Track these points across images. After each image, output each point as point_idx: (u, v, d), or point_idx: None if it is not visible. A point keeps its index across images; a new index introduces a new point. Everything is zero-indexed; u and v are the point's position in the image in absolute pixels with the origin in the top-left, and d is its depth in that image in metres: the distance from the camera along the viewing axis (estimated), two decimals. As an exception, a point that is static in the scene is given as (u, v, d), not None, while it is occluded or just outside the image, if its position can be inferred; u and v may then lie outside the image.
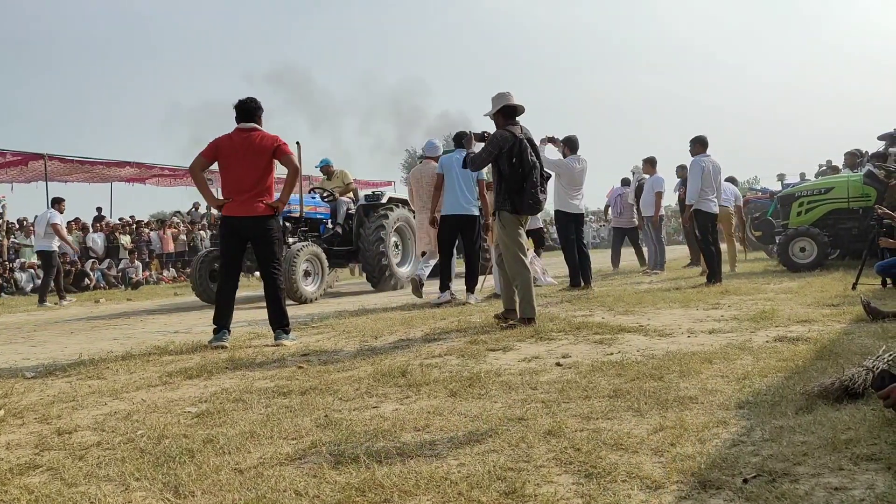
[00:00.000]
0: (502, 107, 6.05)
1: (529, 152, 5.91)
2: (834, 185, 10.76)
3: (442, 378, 3.95)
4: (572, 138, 9.57)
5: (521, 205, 5.91)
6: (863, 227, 9.96)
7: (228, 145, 5.81)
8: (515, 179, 5.90)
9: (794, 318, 5.51)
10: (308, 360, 4.91)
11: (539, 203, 5.97)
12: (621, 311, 6.65)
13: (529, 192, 5.88)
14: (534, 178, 5.91)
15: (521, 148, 5.88)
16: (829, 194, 10.62)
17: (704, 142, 9.41)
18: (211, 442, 2.90)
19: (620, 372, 3.83)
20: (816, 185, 11.31)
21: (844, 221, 10.52)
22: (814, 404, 2.91)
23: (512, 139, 5.89)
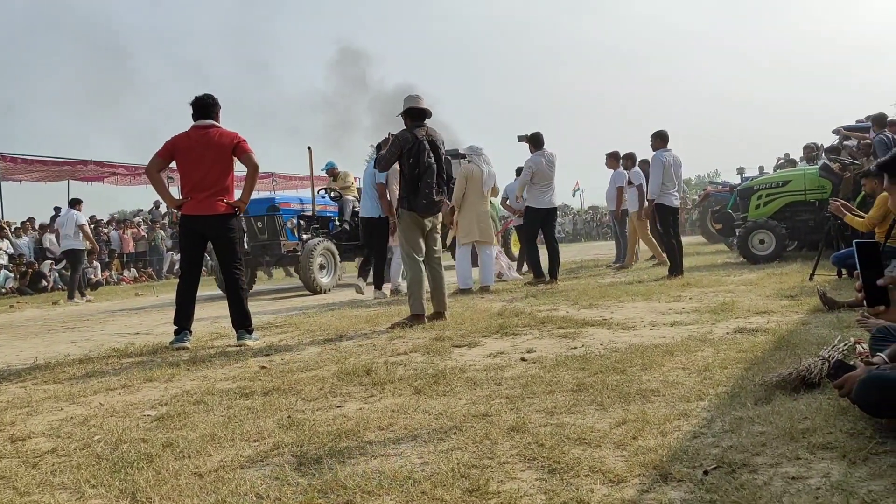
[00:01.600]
0: (409, 108, 6.24)
1: (427, 154, 6.10)
2: (791, 178, 10.95)
3: (407, 376, 3.94)
4: (536, 135, 9.65)
5: (416, 204, 6.10)
6: (819, 219, 10.16)
7: (185, 144, 5.70)
8: (411, 179, 6.11)
9: (753, 310, 5.60)
10: (271, 360, 4.86)
11: (434, 204, 6.13)
12: (585, 305, 6.70)
13: (424, 192, 6.07)
14: (428, 179, 6.08)
15: (418, 149, 6.07)
16: (787, 187, 10.81)
17: (665, 136, 9.57)
18: (170, 446, 2.85)
19: (584, 366, 3.86)
20: (774, 178, 11.50)
21: (801, 214, 10.72)
22: (772, 395, 2.96)
23: (412, 140, 6.09)
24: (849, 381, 2.54)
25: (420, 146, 6.08)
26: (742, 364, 3.63)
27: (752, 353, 3.85)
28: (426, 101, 6.34)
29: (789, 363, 3.31)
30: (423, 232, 6.27)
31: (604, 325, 5.40)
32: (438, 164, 6.19)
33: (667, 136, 9.54)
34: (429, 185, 6.07)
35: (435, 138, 6.23)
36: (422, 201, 6.08)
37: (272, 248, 11.35)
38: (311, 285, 10.74)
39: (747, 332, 4.59)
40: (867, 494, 1.91)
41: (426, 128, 6.24)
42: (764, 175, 14.83)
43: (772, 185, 11.02)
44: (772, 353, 3.81)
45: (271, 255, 11.52)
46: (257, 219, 11.59)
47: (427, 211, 6.15)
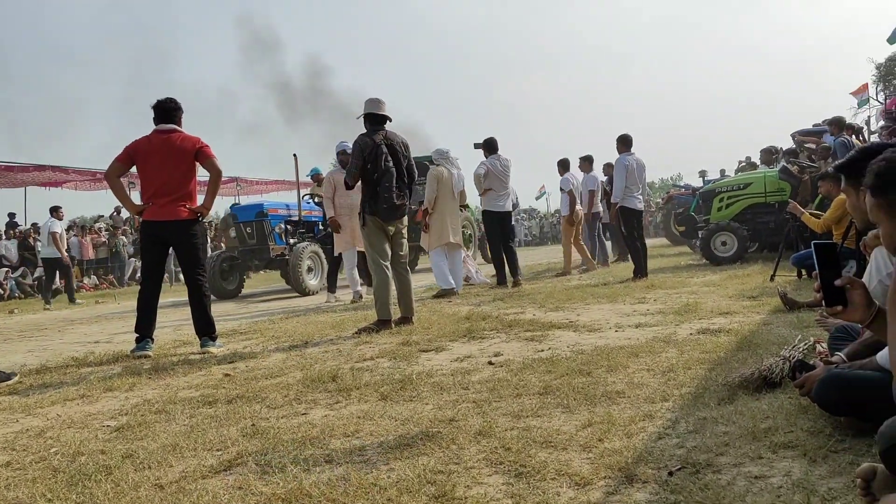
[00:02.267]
0: (368, 113, 6.19)
1: (385, 157, 6.04)
2: (752, 181, 11.15)
3: (373, 381, 3.91)
4: (489, 141, 9.88)
5: (377, 208, 6.04)
6: (779, 220, 10.34)
7: (146, 148, 5.61)
8: (371, 184, 6.05)
9: (716, 311, 5.67)
10: (235, 367, 4.79)
11: (395, 208, 6.07)
12: (552, 308, 6.73)
13: (383, 196, 6.01)
14: (387, 183, 6.02)
15: (376, 153, 6.01)
16: (748, 190, 11.00)
17: (628, 140, 9.76)
18: (130, 457, 2.79)
19: (550, 369, 3.87)
20: (735, 181, 11.71)
21: (762, 216, 10.91)
22: (735, 395, 3.00)
23: (370, 144, 6.03)
24: (809, 380, 2.58)
25: (378, 150, 6.02)
26: (705, 365, 3.67)
27: (716, 354, 3.90)
28: (387, 106, 6.27)
29: (751, 363, 3.36)
30: (388, 236, 6.23)
31: (570, 327, 5.43)
32: (398, 167, 6.12)
33: (630, 140, 9.73)
34: (388, 188, 6.01)
35: (394, 141, 6.17)
36: (382, 206, 6.02)
37: (261, 252, 11.84)
38: (300, 287, 11.16)
39: (710, 332, 4.65)
40: (827, 492, 1.94)
41: (385, 131, 6.19)
42: (725, 178, 15.06)
43: (733, 187, 11.20)
44: (734, 354, 3.87)
45: (260, 259, 11.98)
46: (246, 224, 11.98)
47: (389, 215, 6.08)
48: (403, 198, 6.17)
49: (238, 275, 12.40)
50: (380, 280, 6.10)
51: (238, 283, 12.44)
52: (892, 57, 34.16)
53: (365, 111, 6.21)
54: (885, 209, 1.82)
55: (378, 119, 6.20)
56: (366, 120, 6.21)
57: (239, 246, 12.05)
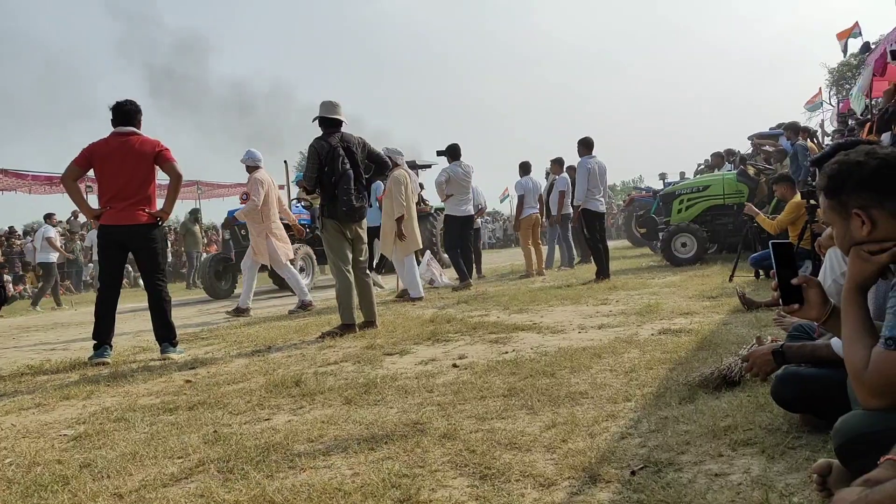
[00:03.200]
0: (321, 116, 6.14)
1: (342, 160, 6.00)
2: (710, 184, 11.34)
3: (337, 386, 3.89)
4: (452, 147, 10.05)
5: (335, 212, 6.00)
6: (737, 222, 10.53)
7: (104, 151, 5.50)
8: (328, 187, 6.00)
9: (677, 311, 5.75)
10: (196, 373, 4.72)
11: (354, 210, 6.02)
12: (516, 310, 6.76)
13: (342, 199, 5.96)
14: (345, 186, 5.97)
15: (332, 155, 5.97)
16: (707, 192, 11.19)
17: (589, 143, 9.89)
18: (88, 466, 2.73)
19: (515, 370, 3.89)
20: (695, 183, 11.89)
21: (721, 217, 11.10)
22: (695, 394, 3.04)
23: (326, 147, 5.99)
24: (753, 356, 2.65)
25: (334, 153, 5.98)
26: (667, 364, 3.72)
27: (677, 354, 3.96)
28: (342, 109, 6.23)
29: (711, 363, 3.41)
30: (348, 240, 6.17)
31: (534, 329, 5.46)
32: (355, 169, 6.07)
33: (591, 144, 9.87)
34: (346, 191, 5.96)
35: (350, 143, 6.11)
36: (342, 209, 5.98)
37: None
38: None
39: (671, 333, 4.71)
40: (785, 488, 1.98)
41: (341, 133, 6.14)
42: (685, 180, 15.28)
43: (692, 190, 11.38)
44: (695, 354, 3.93)
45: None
46: (241, 227, 12.13)
47: (348, 218, 6.04)
48: (362, 200, 6.12)
49: (232, 275, 12.76)
50: (342, 285, 6.07)
51: (231, 283, 12.84)
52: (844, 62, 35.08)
53: (319, 115, 6.17)
54: (838, 210, 1.86)
55: (332, 122, 6.15)
56: (320, 123, 6.16)
57: (234, 248, 12.53)
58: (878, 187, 1.78)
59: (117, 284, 5.72)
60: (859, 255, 1.82)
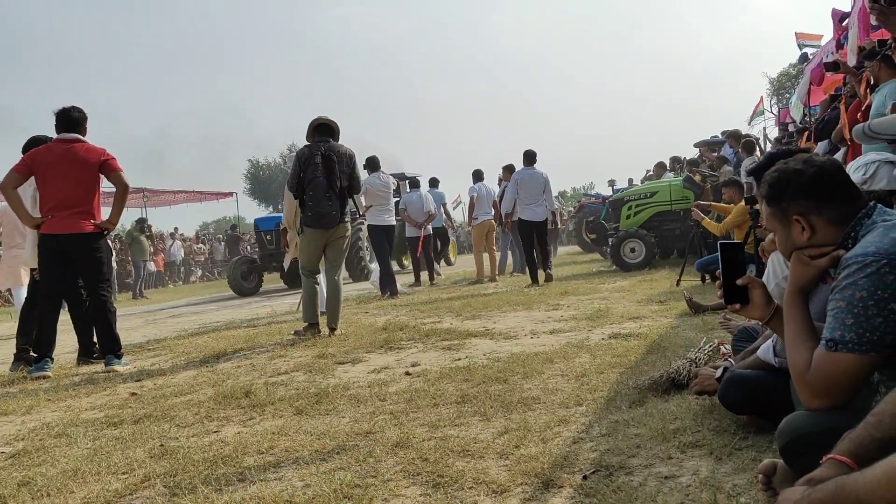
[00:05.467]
0: (312, 126, 6.34)
1: (317, 167, 6.08)
2: (658, 190, 11.56)
3: (288, 396, 3.83)
4: (370, 159, 10.46)
5: (305, 217, 6.15)
6: (684, 227, 10.75)
7: (47, 158, 5.33)
8: (302, 192, 6.16)
9: (626, 315, 5.83)
10: (142, 385, 4.60)
11: (322, 217, 6.09)
12: (469, 317, 6.77)
13: (308, 204, 6.10)
14: (312, 192, 6.07)
15: (309, 162, 6.11)
16: (654, 198, 11.40)
17: (528, 155, 10.26)
18: (27, 485, 2.63)
19: (468, 377, 3.88)
20: (642, 189, 12.11)
21: (668, 223, 11.32)
22: (645, 397, 3.08)
23: (306, 154, 6.15)
24: (701, 376, 2.73)
25: (312, 160, 6.09)
26: (617, 369, 3.76)
27: (627, 358, 4.01)
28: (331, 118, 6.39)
29: (660, 366, 3.46)
30: (320, 246, 6.21)
31: (486, 335, 5.47)
32: (329, 177, 6.09)
33: (531, 155, 10.26)
34: (314, 198, 6.05)
35: (334, 152, 6.16)
36: (308, 214, 6.09)
37: (278, 256, 13.39)
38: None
39: (621, 337, 4.77)
40: (732, 489, 2.01)
41: (328, 143, 6.22)
42: (633, 187, 15.52)
43: (641, 196, 11.58)
44: (644, 357, 3.98)
45: (277, 261, 13.57)
46: (266, 233, 14.20)
47: (314, 223, 6.10)
48: (331, 207, 6.11)
49: (257, 276, 14.48)
50: (305, 286, 6.26)
51: (257, 282, 14.50)
52: (783, 73, 36.19)
53: (311, 124, 6.35)
54: (780, 217, 1.91)
55: (322, 131, 6.30)
56: (311, 132, 6.32)
57: (259, 251, 14.61)
58: (816, 194, 1.83)
59: (59, 295, 5.55)
60: (800, 260, 1.87)
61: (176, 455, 2.86)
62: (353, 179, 6.32)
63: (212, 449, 2.91)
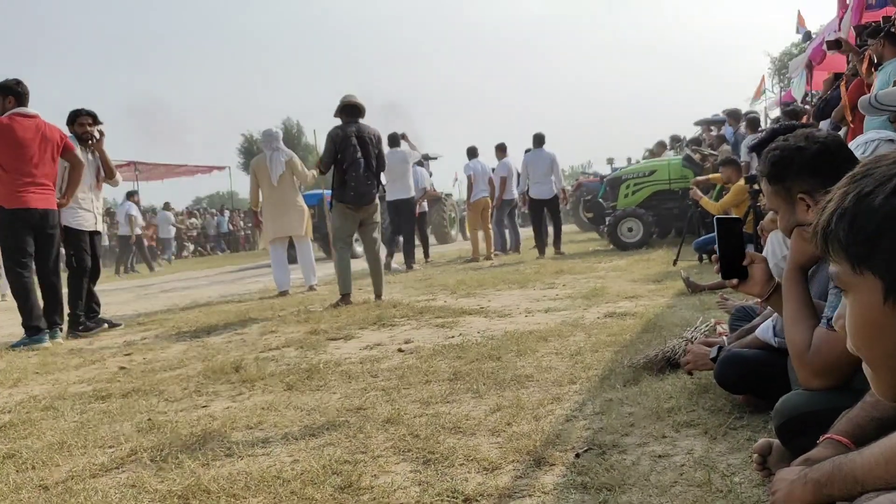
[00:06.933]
0: (342, 106, 6.67)
1: (354, 149, 6.53)
2: (656, 168, 11.49)
3: (279, 372, 3.82)
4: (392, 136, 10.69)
5: (345, 196, 6.50)
6: (682, 206, 10.69)
7: (19, 132, 5.41)
8: (340, 172, 6.54)
9: (622, 295, 5.82)
10: (131, 359, 4.59)
11: (362, 195, 6.54)
12: (463, 294, 6.76)
13: (350, 184, 6.50)
14: (354, 172, 6.49)
15: (345, 144, 6.51)
16: (653, 177, 11.33)
17: (538, 138, 11.00)
18: (12, 457, 2.61)
19: (460, 354, 3.87)
20: (641, 168, 12.03)
21: (666, 202, 11.25)
22: (640, 376, 3.07)
23: (340, 135, 6.52)
24: (693, 352, 2.71)
25: (347, 141, 6.49)
26: (612, 347, 3.75)
27: (622, 337, 4.00)
28: (358, 98, 6.75)
29: (655, 345, 3.45)
30: (356, 222, 6.62)
31: (481, 313, 5.46)
32: (366, 158, 6.56)
33: (537, 138, 11.07)
34: (355, 178, 6.47)
35: (364, 133, 6.59)
36: (349, 193, 6.47)
37: (321, 227, 13.56)
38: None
39: (617, 316, 4.76)
40: (726, 468, 2.00)
41: (358, 124, 6.62)
42: (632, 165, 15.45)
43: (639, 174, 11.51)
44: (639, 336, 3.97)
45: (320, 233, 13.84)
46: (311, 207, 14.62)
47: (355, 201, 6.50)
48: (370, 186, 6.60)
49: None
50: (340, 260, 6.59)
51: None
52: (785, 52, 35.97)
53: (339, 104, 6.65)
54: (783, 196, 1.88)
55: (351, 111, 6.63)
56: (340, 112, 6.64)
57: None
58: (819, 171, 1.80)
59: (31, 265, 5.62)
60: (801, 236, 1.84)
61: (163, 429, 2.84)
62: (381, 159, 6.80)
63: (200, 423, 2.90)
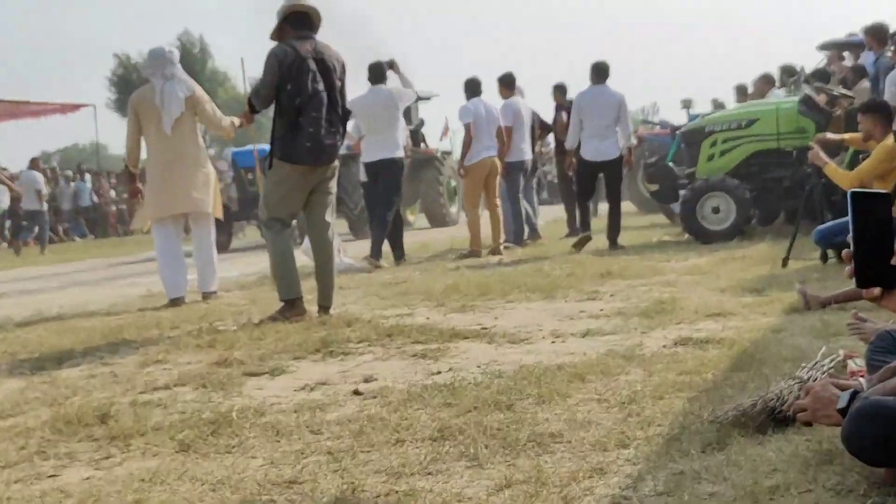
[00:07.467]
0: (287, 14, 6.54)
1: (314, 75, 6.36)
2: (759, 117, 11.33)
3: (168, 423, 3.83)
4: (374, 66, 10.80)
5: (295, 149, 6.33)
6: (798, 176, 10.61)
7: None
8: (290, 112, 6.42)
9: (702, 311, 5.83)
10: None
11: (324, 149, 6.50)
12: (456, 307, 6.78)
13: (307, 131, 6.37)
14: (314, 113, 6.43)
15: (300, 68, 6.38)
16: (753, 129, 11.18)
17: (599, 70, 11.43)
18: None
19: (450, 400, 3.88)
20: (734, 115, 11.90)
21: (773, 169, 11.17)
22: (728, 437, 3.08)
23: (292, 56, 6.39)
24: (814, 395, 2.69)
25: (303, 66, 6.39)
26: (685, 392, 3.76)
27: (700, 376, 4.01)
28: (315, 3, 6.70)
29: (753, 389, 3.46)
30: (305, 191, 6.59)
31: (482, 337, 5.48)
32: (330, 93, 6.52)
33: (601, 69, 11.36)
34: (315, 120, 6.40)
35: (326, 56, 6.55)
36: (304, 144, 6.37)
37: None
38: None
39: (693, 343, 4.78)
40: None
41: (314, 41, 6.58)
42: (720, 111, 15.40)
43: (731, 125, 11.43)
44: (728, 376, 3.98)
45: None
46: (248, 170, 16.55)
47: (312, 158, 6.44)
48: (335, 136, 6.61)
49: (229, 226, 16.77)
50: (277, 249, 6.61)
51: (227, 235, 16.83)
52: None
53: (284, 10, 6.50)
54: None
55: (303, 21, 6.54)
56: (284, 23, 6.54)
57: (238, 195, 16.80)
58: None
59: None
60: None
61: (-14, 513, 2.85)
62: (346, 97, 6.76)
63: (46, 503, 2.90)
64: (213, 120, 7.92)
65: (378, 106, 10.54)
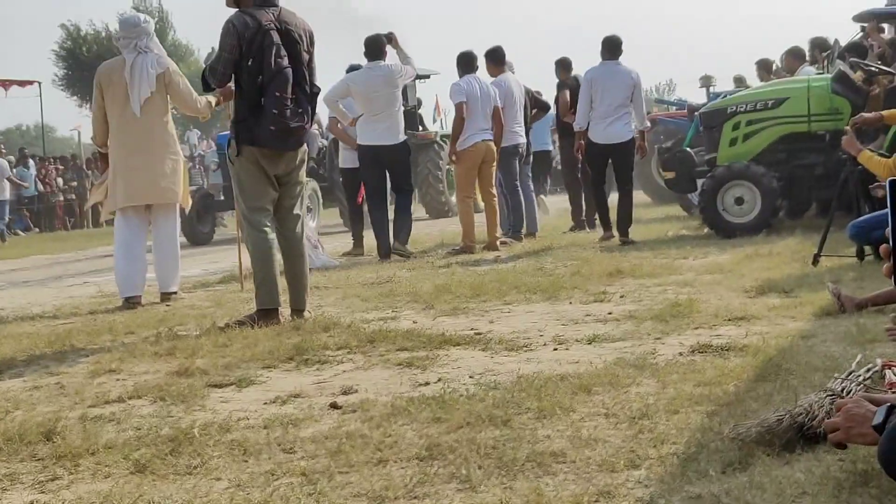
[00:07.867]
0: None
1: (277, 48, 6.35)
2: (787, 96, 11.34)
3: (122, 441, 3.84)
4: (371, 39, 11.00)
5: (259, 133, 6.33)
6: (831, 163, 10.63)
7: None
8: (251, 94, 6.49)
9: (723, 315, 5.86)
10: None
11: (291, 132, 6.40)
12: (446, 310, 6.79)
13: (271, 112, 6.36)
14: (278, 92, 6.40)
15: (262, 42, 6.39)
16: (781, 109, 11.20)
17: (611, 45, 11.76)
18: None
19: (440, 415, 3.89)
20: (760, 94, 11.92)
21: (803, 154, 11.20)
22: (751, 456, 3.09)
23: (252, 27, 6.39)
24: (846, 410, 2.70)
25: (264, 38, 6.38)
26: (704, 405, 3.77)
27: (721, 388, 4.02)
28: None
29: (779, 402, 3.48)
30: (272, 179, 6.59)
31: (476, 343, 5.49)
32: (296, 68, 6.53)
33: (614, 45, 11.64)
34: (280, 100, 6.38)
35: (292, 26, 6.58)
36: (268, 127, 6.37)
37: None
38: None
39: (713, 351, 4.80)
40: None
41: (277, 8, 6.61)
42: (743, 90, 15.40)
43: (756, 106, 11.45)
44: (751, 387, 4.00)
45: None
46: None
47: (277, 143, 6.46)
48: (303, 118, 6.56)
49: (212, 217, 17.76)
50: (257, 248, 6.57)
51: (212, 226, 17.73)
52: None
53: None
54: None
55: None
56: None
57: (223, 182, 17.02)
58: None
59: None
60: None
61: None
62: (314, 73, 6.70)
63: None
64: (188, 101, 7.90)
65: (377, 84, 10.65)
